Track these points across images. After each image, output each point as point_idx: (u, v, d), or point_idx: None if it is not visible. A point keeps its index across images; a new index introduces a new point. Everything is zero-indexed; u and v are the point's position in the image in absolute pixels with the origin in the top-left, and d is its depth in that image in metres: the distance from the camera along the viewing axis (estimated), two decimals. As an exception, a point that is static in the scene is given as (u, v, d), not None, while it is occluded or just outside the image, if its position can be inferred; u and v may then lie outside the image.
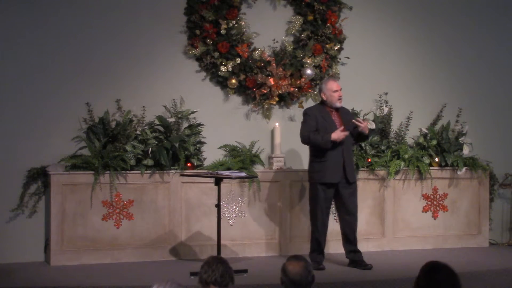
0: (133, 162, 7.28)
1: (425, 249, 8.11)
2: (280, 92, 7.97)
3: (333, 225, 7.49)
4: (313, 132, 6.93)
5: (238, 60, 7.87)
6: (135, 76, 7.70)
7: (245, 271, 6.61)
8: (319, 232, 6.98)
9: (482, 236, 8.41)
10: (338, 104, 7.03)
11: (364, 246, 7.81)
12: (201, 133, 7.73)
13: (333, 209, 7.30)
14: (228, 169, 7.44)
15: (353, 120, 7.01)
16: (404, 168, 8.07)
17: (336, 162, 6.92)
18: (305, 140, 7.01)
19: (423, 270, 3.57)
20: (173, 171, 7.43)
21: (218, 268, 3.68)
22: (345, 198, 7.00)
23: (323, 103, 7.10)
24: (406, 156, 8.06)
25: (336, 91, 7.01)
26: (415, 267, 3.65)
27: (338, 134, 6.81)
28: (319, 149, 6.93)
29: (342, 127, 6.88)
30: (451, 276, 3.52)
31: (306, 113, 7.11)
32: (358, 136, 7.07)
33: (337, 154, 6.91)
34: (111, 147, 7.29)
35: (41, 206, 7.31)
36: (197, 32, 7.78)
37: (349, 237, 7.08)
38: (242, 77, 7.91)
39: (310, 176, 7.07)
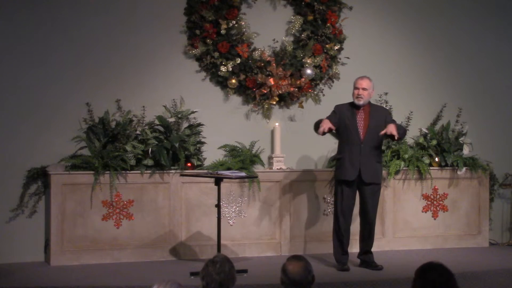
0: (133, 162, 7.28)
1: (425, 249, 8.11)
2: (280, 92, 7.97)
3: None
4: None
5: (238, 60, 7.87)
6: (135, 76, 7.70)
7: (245, 271, 6.61)
8: (341, 231, 6.93)
9: (482, 236, 8.41)
10: (356, 101, 6.94)
11: (364, 246, 7.82)
12: (201, 133, 7.74)
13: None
14: (228, 169, 7.44)
15: (380, 134, 6.84)
16: (404, 168, 8.06)
17: (353, 160, 6.87)
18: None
19: (417, 272, 3.57)
20: (173, 171, 7.43)
21: (224, 268, 3.66)
22: (364, 198, 6.96)
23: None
24: (406, 156, 8.06)
25: (356, 88, 6.94)
26: (415, 267, 3.64)
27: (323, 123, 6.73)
28: (340, 144, 6.99)
29: (330, 125, 6.74)
30: (444, 274, 3.51)
31: (334, 109, 7.06)
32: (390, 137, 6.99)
33: (355, 151, 6.87)
34: (111, 147, 7.28)
35: (41, 206, 7.31)
36: (197, 32, 7.78)
37: (364, 237, 7.05)
38: (242, 77, 7.90)
39: (334, 173, 7.14)
